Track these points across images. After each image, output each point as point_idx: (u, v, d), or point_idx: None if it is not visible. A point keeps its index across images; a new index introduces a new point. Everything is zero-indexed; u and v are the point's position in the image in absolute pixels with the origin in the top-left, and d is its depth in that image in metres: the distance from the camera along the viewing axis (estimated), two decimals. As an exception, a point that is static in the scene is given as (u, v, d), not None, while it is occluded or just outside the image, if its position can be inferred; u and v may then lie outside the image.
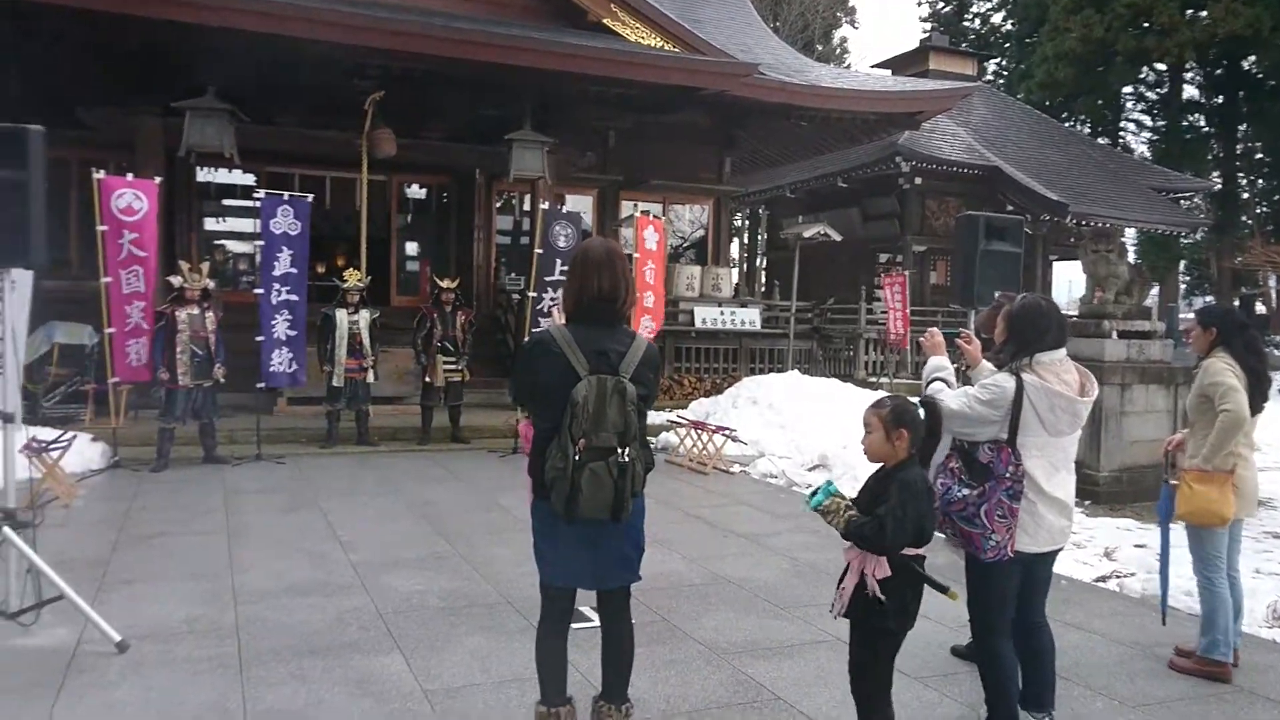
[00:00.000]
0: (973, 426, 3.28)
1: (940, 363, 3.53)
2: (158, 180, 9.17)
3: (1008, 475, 3.20)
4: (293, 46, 10.22)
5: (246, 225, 15.38)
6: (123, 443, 8.81)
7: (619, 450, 2.88)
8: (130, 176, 9.04)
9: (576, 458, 2.85)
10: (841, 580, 3.08)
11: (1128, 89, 33.23)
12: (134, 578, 5.27)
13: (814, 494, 3.01)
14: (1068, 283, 39.14)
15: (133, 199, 8.64)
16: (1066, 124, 30.16)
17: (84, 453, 8.27)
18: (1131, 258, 29.67)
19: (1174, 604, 4.73)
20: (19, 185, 4.08)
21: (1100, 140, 30.55)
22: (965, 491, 3.27)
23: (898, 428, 3.01)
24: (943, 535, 3.33)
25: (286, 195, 9.56)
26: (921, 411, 3.16)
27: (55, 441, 7.25)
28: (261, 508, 7.16)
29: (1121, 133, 34.62)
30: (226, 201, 15.18)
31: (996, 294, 3.97)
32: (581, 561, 3.10)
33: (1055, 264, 23.68)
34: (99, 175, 8.61)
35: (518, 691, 3.79)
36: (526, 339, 5.25)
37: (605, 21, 13.10)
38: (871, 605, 2.95)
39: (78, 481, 7.65)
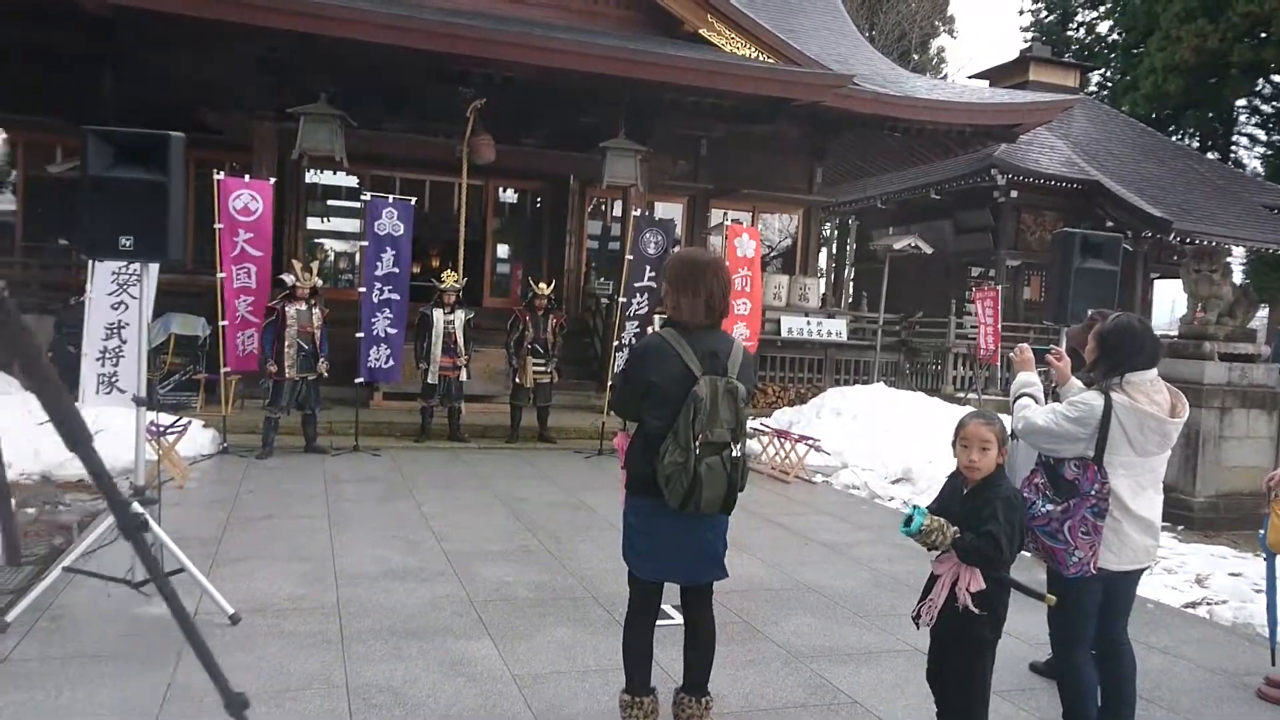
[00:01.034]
0: (1058, 443, 3.31)
1: (1029, 378, 3.58)
2: (272, 181, 9.66)
3: (1093, 493, 3.23)
4: (401, 56, 10.66)
5: (349, 225, 15.96)
6: (231, 430, 9.27)
7: (731, 445, 3.08)
8: (247, 178, 9.53)
9: (697, 452, 3.03)
10: (929, 592, 3.11)
11: (1241, 102, 31.96)
12: (243, 556, 5.60)
13: (908, 521, 3.01)
14: (1170, 302, 37.76)
15: (249, 199, 9.12)
16: (1174, 138, 29.18)
17: (196, 438, 8.74)
18: (1239, 277, 28.54)
19: (1264, 633, 4.64)
20: (159, 187, 4.41)
21: (1210, 155, 29.46)
22: (1050, 507, 3.30)
23: (1005, 444, 3.07)
24: (1026, 551, 3.36)
25: (391, 198, 9.94)
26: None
27: (171, 426, 7.71)
28: (359, 496, 7.49)
29: (1233, 147, 33.30)
30: (331, 202, 15.79)
31: (1090, 311, 3.97)
32: (676, 556, 3.26)
33: (1157, 282, 22.95)
34: (219, 176, 9.11)
35: (601, 681, 3.95)
36: (635, 344, 5.44)
37: (701, 32, 13.25)
38: (965, 617, 2.99)
39: (190, 465, 8.12)
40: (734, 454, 3.10)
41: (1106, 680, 3.42)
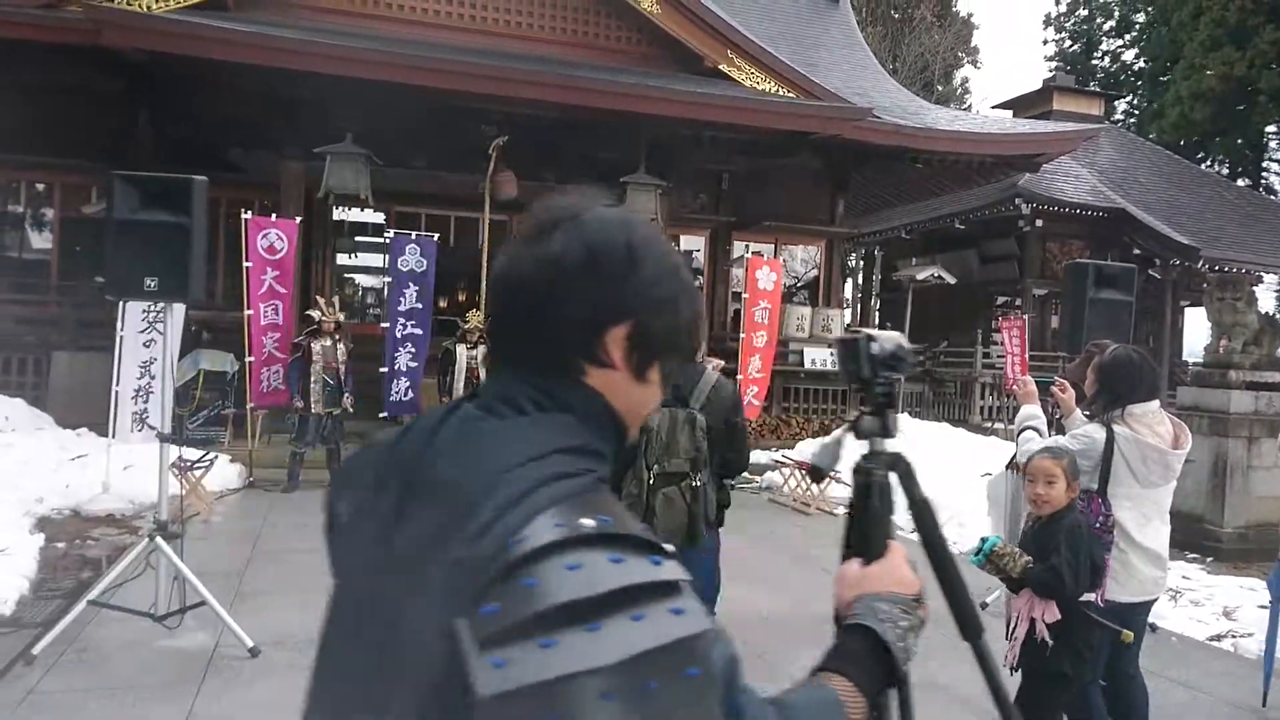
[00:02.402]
0: None
1: (1032, 411, 3.58)
2: (298, 220, 9.86)
3: (1097, 525, 3.22)
4: (425, 96, 10.87)
5: (375, 261, 16.19)
6: (256, 464, 9.41)
7: (692, 475, 3.06)
8: (274, 217, 9.74)
9: (650, 483, 3.04)
10: (1011, 631, 3.11)
11: (1271, 128, 31.73)
12: (265, 589, 5.68)
13: (979, 552, 3.05)
14: (1204, 329, 37.39)
15: (275, 238, 9.33)
16: (1203, 165, 28.98)
17: (223, 473, 8.87)
18: (1271, 305, 28.16)
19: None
20: (182, 229, 4.55)
21: (1240, 182, 29.21)
22: None
23: (1076, 477, 3.07)
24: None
25: (414, 235, 10.12)
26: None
27: (199, 461, 7.83)
28: (381, 530, 7.55)
29: (1264, 174, 33.04)
30: (358, 238, 16.04)
31: (1088, 344, 3.98)
32: None
33: (1187, 310, 22.71)
34: (247, 215, 9.32)
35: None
36: None
37: (721, 67, 13.40)
38: (1042, 651, 2.98)
39: (216, 499, 8.24)
40: (694, 484, 3.06)
41: (1115, 712, 3.39)
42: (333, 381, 9.19)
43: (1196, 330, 21.56)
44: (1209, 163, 31.46)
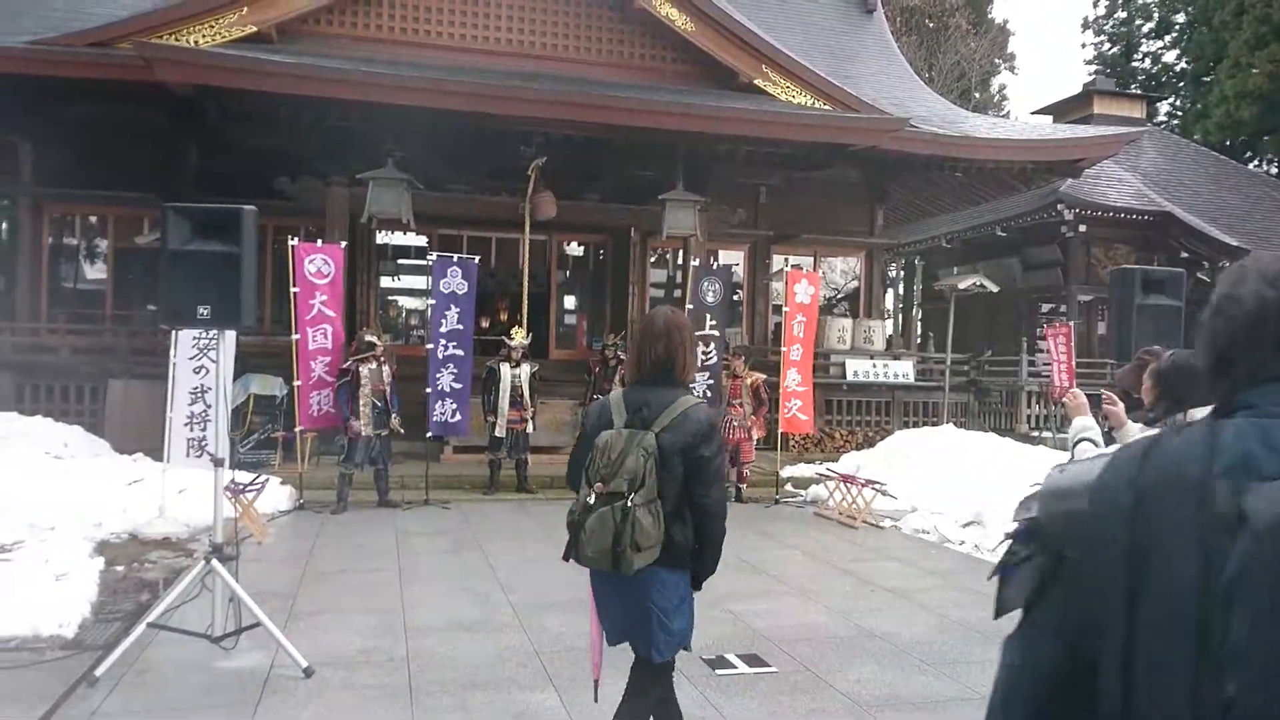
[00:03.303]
0: None
1: (1086, 423, 3.52)
2: (343, 244, 10.05)
3: None
4: (464, 120, 11.05)
5: (419, 283, 16.41)
6: (306, 486, 9.55)
7: (628, 497, 2.91)
8: (320, 242, 9.93)
9: (591, 501, 2.96)
10: None
11: (1321, 125, 31.03)
12: (318, 610, 5.77)
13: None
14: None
15: (322, 263, 9.50)
16: (1251, 164, 28.42)
17: (274, 495, 9.02)
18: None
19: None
20: (233, 258, 4.67)
21: (1290, 181, 28.59)
22: None
23: None
24: None
25: (456, 257, 10.24)
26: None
27: (251, 484, 7.99)
28: (429, 549, 7.65)
29: (1315, 172, 32.28)
30: (401, 261, 16.28)
31: (1140, 351, 3.93)
32: (619, 618, 3.20)
33: (1239, 313, 22.22)
34: (294, 242, 9.51)
35: (663, 731, 3.96)
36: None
37: (756, 82, 13.43)
38: None
39: (268, 521, 8.38)
40: (627, 505, 2.90)
41: None
42: (380, 404, 9.34)
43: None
44: (1257, 162, 30.84)
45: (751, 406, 10.42)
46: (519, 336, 10.46)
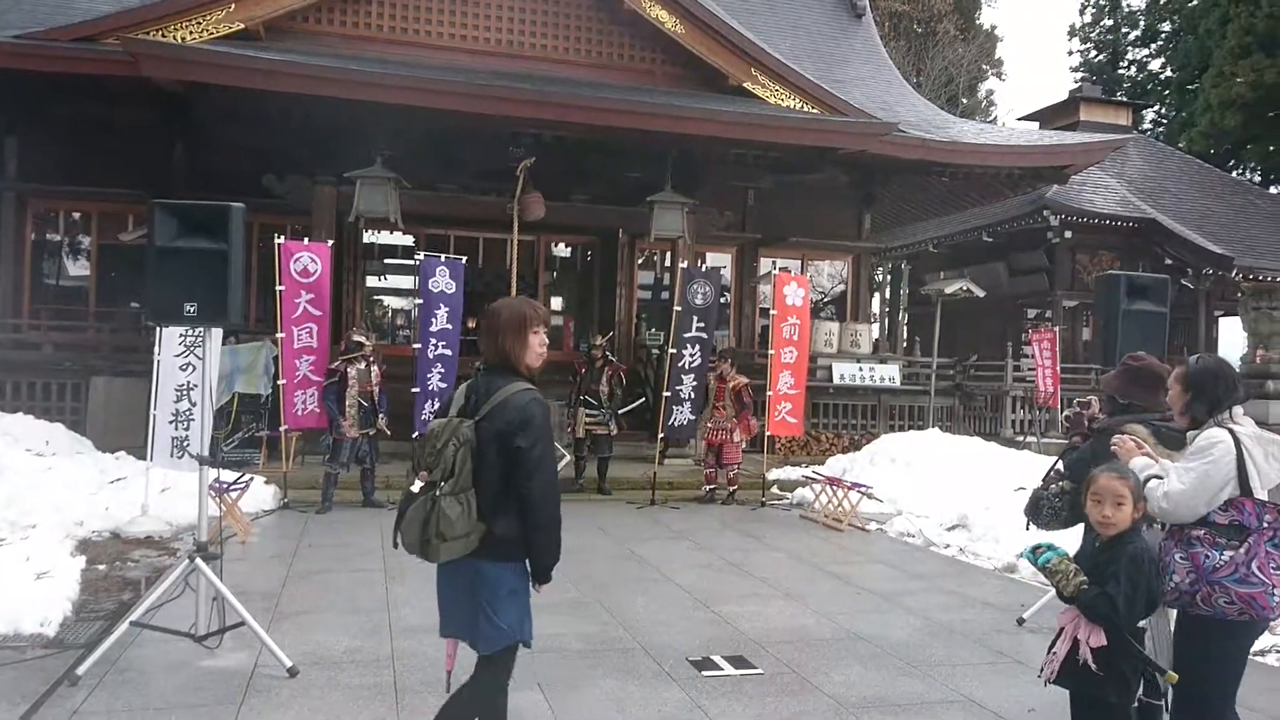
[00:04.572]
0: (1214, 491, 3.14)
1: (1145, 462, 3.37)
2: (330, 243, 10.01)
3: (1266, 525, 3.10)
4: (453, 119, 11.03)
5: (405, 283, 16.36)
6: (291, 486, 9.50)
7: (440, 485, 2.93)
8: (306, 240, 9.89)
9: (415, 489, 2.97)
10: (1053, 645, 3.08)
11: (1303, 134, 31.32)
12: (302, 609, 5.74)
13: (1039, 550, 2.98)
14: (1240, 339, 36.82)
15: (309, 262, 9.45)
16: (1235, 173, 28.64)
17: (258, 494, 8.97)
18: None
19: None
20: (221, 255, 4.64)
21: (1273, 189, 28.84)
22: (1229, 554, 3.11)
23: (1140, 499, 3.01)
24: (1208, 611, 3.12)
25: (443, 257, 10.21)
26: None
27: (235, 483, 7.94)
28: (414, 550, 7.60)
29: (1297, 181, 32.57)
30: (388, 260, 16.23)
31: (1126, 356, 3.94)
32: (443, 606, 3.20)
33: (1221, 320, 22.41)
34: (280, 240, 9.46)
35: (649, 732, 3.97)
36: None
37: (746, 85, 13.46)
38: (1086, 674, 2.93)
39: (252, 520, 8.34)
40: (438, 494, 2.92)
41: None
42: (367, 404, 9.29)
43: (1231, 340, 21.23)
44: (1240, 171, 31.10)
45: (734, 409, 10.45)
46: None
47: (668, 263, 15.85)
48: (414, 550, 3.02)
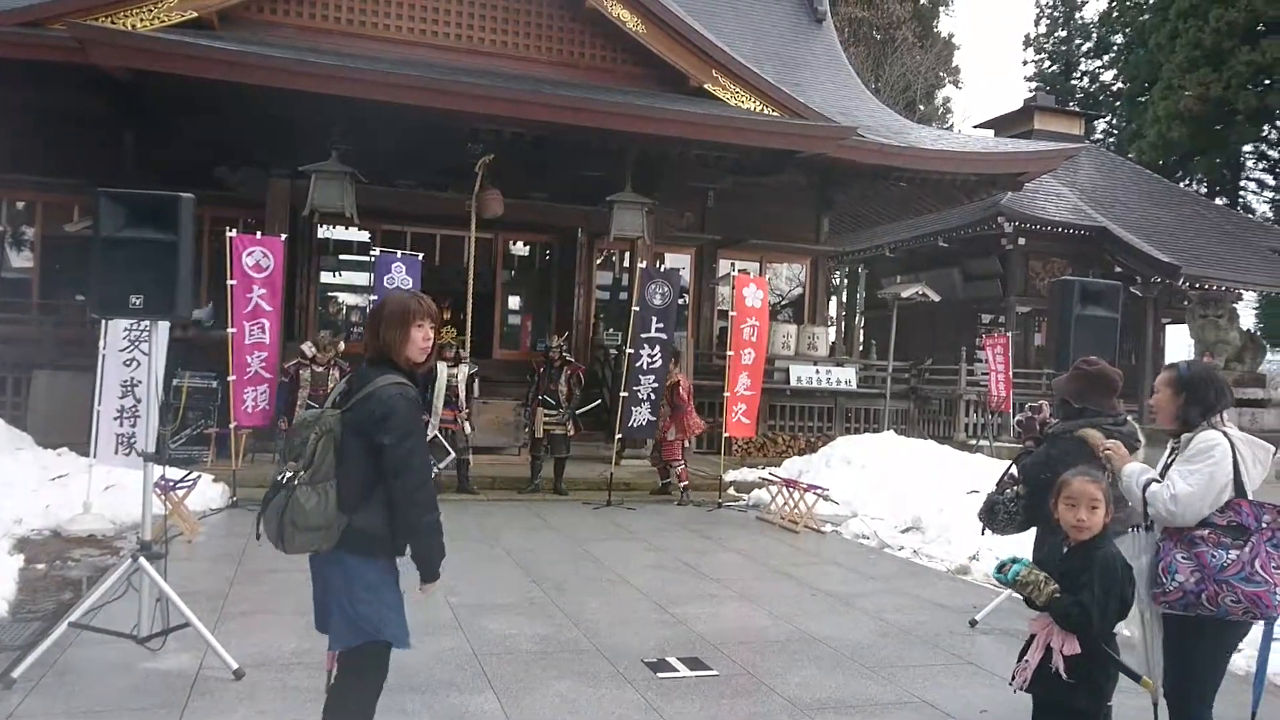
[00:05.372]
0: (1217, 494, 3.18)
1: (1138, 467, 3.43)
2: (284, 237, 9.83)
3: (1264, 524, 3.14)
4: (411, 114, 10.89)
5: (360, 279, 16.15)
6: (240, 484, 9.30)
7: (295, 476, 2.91)
8: (259, 234, 9.70)
9: (282, 479, 2.93)
10: (1025, 653, 3.07)
11: (1248, 147, 32.16)
12: (250, 610, 5.61)
13: (1003, 566, 2.97)
14: (1186, 346, 37.66)
15: (261, 256, 9.27)
16: (1182, 184, 29.30)
17: (205, 492, 8.76)
18: (1251, 322, 28.40)
19: None
20: (169, 246, 4.51)
21: (1219, 200, 29.57)
22: (1234, 554, 3.13)
23: (1112, 503, 3.01)
24: (1213, 610, 3.14)
25: (400, 253, 10.10)
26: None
27: (181, 481, 7.76)
28: (367, 550, 7.49)
29: (1241, 192, 33.44)
30: (343, 256, 16.01)
31: (1079, 360, 3.98)
32: (315, 598, 3.17)
33: (1169, 328, 22.89)
34: (232, 234, 9.27)
35: (604, 735, 3.92)
36: None
37: (706, 86, 13.48)
38: (1058, 682, 2.92)
39: (200, 519, 8.15)
40: (295, 483, 2.89)
41: None
42: (316, 406, 9.13)
43: (1178, 347, 21.72)
44: (1188, 182, 31.83)
45: (669, 408, 10.49)
46: (447, 335, 10.37)
47: (626, 263, 15.83)
48: (273, 541, 2.95)
